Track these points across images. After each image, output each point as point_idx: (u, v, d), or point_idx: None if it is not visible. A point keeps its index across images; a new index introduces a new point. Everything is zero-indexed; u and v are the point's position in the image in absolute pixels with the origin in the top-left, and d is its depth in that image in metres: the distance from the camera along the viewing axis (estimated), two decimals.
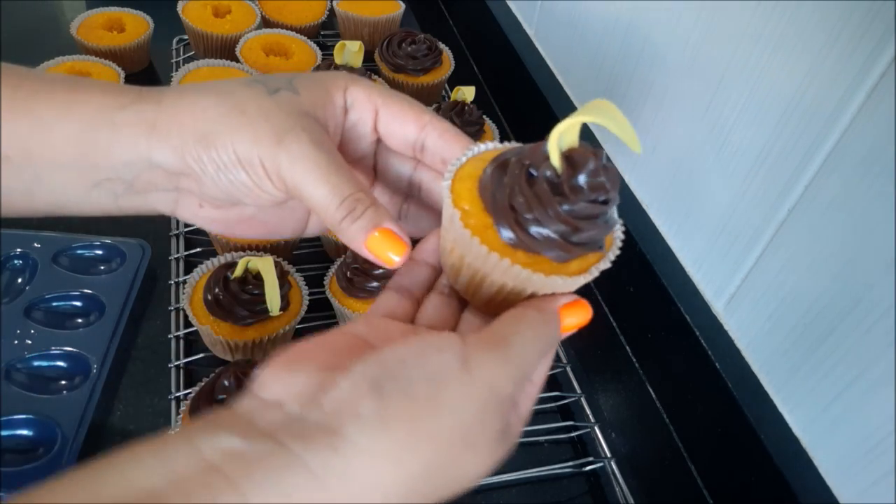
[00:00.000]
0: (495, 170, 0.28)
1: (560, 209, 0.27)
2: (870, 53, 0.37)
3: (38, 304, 0.61)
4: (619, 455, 0.59)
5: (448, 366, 0.25)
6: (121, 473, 0.21)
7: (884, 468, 0.38)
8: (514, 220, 0.27)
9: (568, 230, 0.27)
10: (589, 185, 0.27)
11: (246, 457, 0.22)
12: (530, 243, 0.27)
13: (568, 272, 0.28)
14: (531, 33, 0.81)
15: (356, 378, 0.24)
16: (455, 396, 0.24)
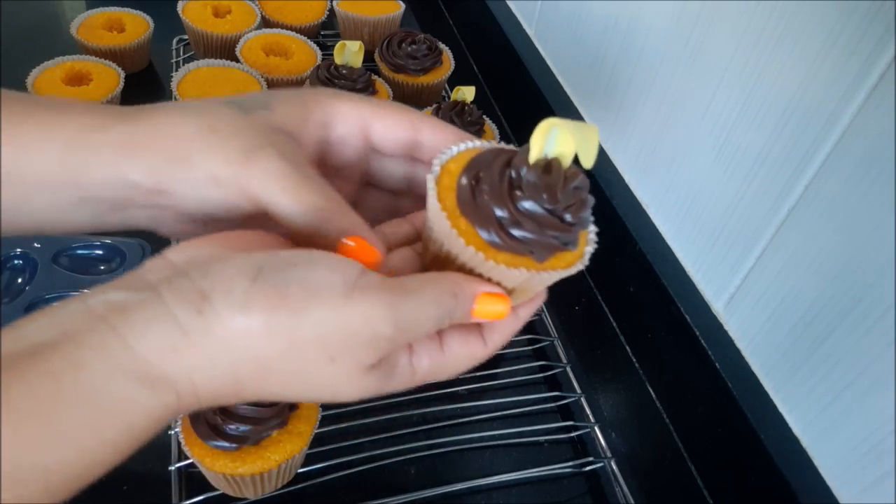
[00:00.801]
0: (488, 152, 0.30)
1: (511, 200, 0.28)
2: (870, 53, 0.37)
3: (38, 304, 0.61)
4: (619, 455, 0.59)
5: (331, 284, 0.26)
6: (15, 334, 0.24)
7: (884, 468, 0.38)
8: (470, 189, 0.29)
9: (508, 220, 0.28)
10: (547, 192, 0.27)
11: (128, 306, 0.24)
12: (472, 214, 0.28)
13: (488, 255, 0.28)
14: (531, 33, 0.81)
15: (245, 260, 0.26)
16: (322, 311, 0.26)
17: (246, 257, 0.26)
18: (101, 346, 0.23)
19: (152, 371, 0.24)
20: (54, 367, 0.23)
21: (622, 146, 0.63)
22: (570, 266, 0.30)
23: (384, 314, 0.26)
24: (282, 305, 0.25)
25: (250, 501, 0.51)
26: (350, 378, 0.27)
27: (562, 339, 0.67)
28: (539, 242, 0.28)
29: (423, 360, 0.30)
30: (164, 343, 0.24)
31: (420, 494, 0.54)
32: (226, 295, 0.25)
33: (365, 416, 0.58)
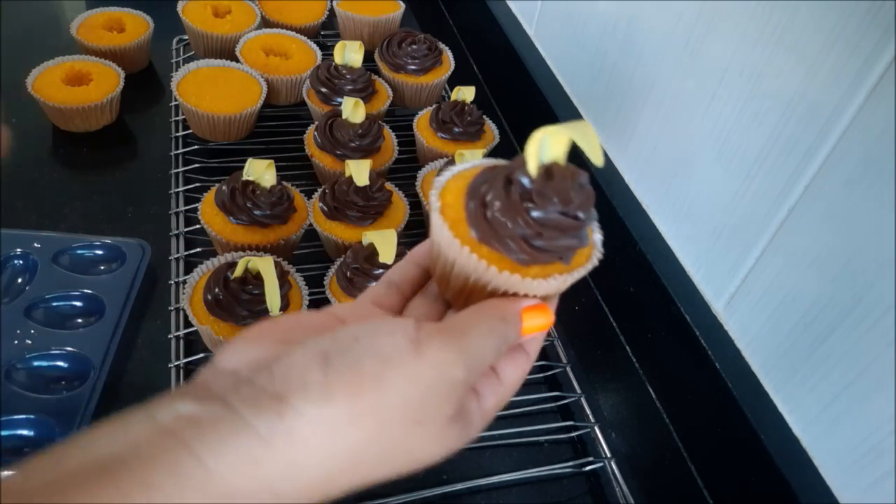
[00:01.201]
0: (483, 172, 0.30)
1: (526, 213, 0.28)
2: (870, 53, 0.37)
3: (38, 304, 0.61)
4: (619, 455, 0.59)
5: (398, 346, 0.26)
6: (82, 447, 0.22)
7: (884, 468, 0.38)
8: (483, 216, 0.29)
9: (531, 234, 0.28)
10: (558, 197, 0.28)
11: (198, 420, 0.23)
12: (493, 240, 0.29)
13: (524, 274, 0.29)
14: (531, 33, 0.81)
15: (308, 350, 0.25)
16: (402, 375, 0.25)
17: (305, 348, 0.26)
18: (173, 466, 0.22)
19: (229, 489, 0.23)
20: (124, 488, 0.21)
21: (622, 146, 0.63)
22: (589, 260, 0.31)
23: (454, 358, 0.26)
24: (363, 385, 0.24)
25: None
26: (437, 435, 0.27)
27: (562, 339, 0.67)
28: (563, 246, 0.29)
29: (490, 400, 0.30)
30: (244, 457, 0.23)
31: (420, 494, 0.54)
32: (303, 391, 0.24)
33: None
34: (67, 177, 0.75)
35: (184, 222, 0.71)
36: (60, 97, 0.76)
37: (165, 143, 0.79)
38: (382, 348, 0.26)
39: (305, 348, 0.26)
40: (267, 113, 0.84)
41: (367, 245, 0.60)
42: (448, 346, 0.26)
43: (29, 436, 0.53)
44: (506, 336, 0.29)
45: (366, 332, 0.26)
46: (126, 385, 0.58)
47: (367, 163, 0.66)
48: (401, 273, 0.35)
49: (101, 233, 0.67)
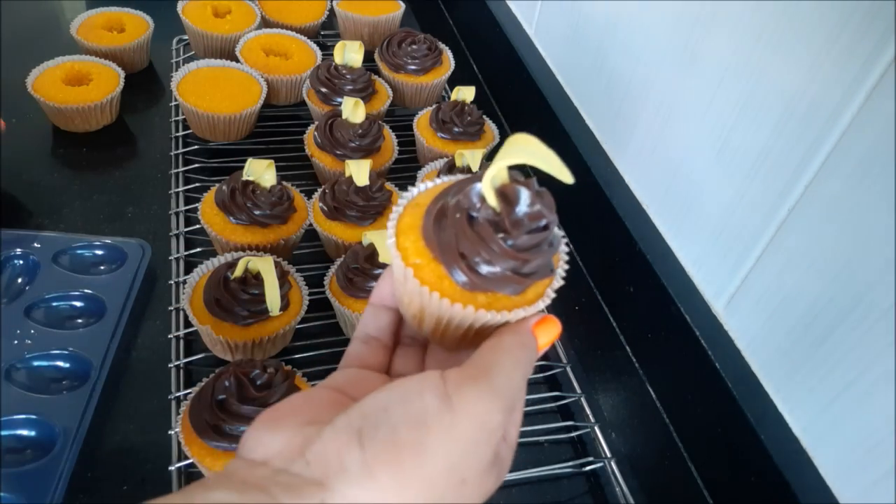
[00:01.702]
0: (435, 218, 0.29)
1: (505, 245, 0.28)
2: (870, 53, 0.37)
3: (38, 304, 0.61)
4: (619, 455, 0.59)
5: (430, 407, 0.25)
6: None
7: (884, 468, 0.38)
8: (466, 265, 0.28)
9: (517, 264, 0.28)
10: (528, 216, 0.28)
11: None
12: (485, 284, 0.28)
13: (527, 301, 0.29)
14: (531, 33, 0.81)
15: (339, 430, 0.25)
16: (440, 437, 0.24)
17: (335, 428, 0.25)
18: None
19: None
20: None
21: (622, 146, 0.63)
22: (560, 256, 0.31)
23: (490, 406, 0.25)
24: (402, 456, 0.24)
25: None
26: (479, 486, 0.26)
27: (562, 339, 0.67)
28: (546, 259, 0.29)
29: (512, 433, 0.30)
30: None
31: None
32: (342, 473, 0.23)
33: None
34: (67, 177, 0.75)
35: (184, 222, 0.71)
36: (60, 97, 0.76)
37: (165, 143, 0.79)
38: (415, 413, 0.25)
39: (336, 428, 0.25)
40: (267, 113, 0.84)
41: (367, 245, 0.60)
42: (481, 393, 0.25)
43: (29, 436, 0.53)
44: (531, 361, 0.29)
45: (394, 398, 0.25)
46: (126, 385, 0.58)
47: (367, 163, 0.66)
48: (375, 325, 0.33)
49: (101, 233, 0.67)
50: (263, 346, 0.57)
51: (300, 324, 0.60)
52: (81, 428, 0.53)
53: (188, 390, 0.55)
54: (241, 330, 0.56)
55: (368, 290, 0.59)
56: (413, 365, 0.33)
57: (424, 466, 0.24)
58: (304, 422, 0.26)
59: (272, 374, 0.49)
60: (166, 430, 0.54)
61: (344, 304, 0.59)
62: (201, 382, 0.52)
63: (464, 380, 0.26)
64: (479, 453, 0.26)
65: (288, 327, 0.58)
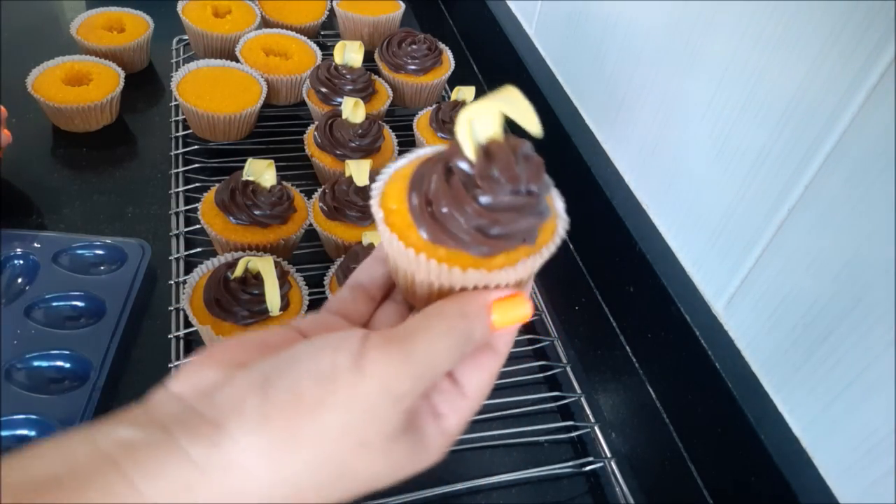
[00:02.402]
0: (419, 167, 0.28)
1: (475, 202, 0.26)
2: (870, 53, 0.37)
3: (38, 304, 0.61)
4: (619, 455, 0.59)
5: (339, 364, 0.24)
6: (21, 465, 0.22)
7: (884, 468, 0.38)
8: (431, 216, 0.26)
9: (485, 223, 0.26)
10: (504, 175, 0.26)
11: (136, 446, 0.23)
12: (447, 239, 0.26)
13: (490, 266, 0.26)
14: (531, 33, 0.81)
15: (251, 374, 0.25)
16: (341, 395, 0.24)
17: (248, 372, 0.25)
18: (106, 490, 0.22)
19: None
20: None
21: (622, 146, 0.63)
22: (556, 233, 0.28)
23: (397, 370, 0.24)
24: (301, 410, 0.23)
25: None
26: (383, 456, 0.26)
27: (562, 339, 0.67)
28: (523, 227, 0.27)
29: (451, 419, 0.28)
30: (178, 485, 0.23)
31: (420, 494, 0.54)
32: (238, 418, 0.23)
33: None
34: (67, 177, 0.75)
35: (184, 222, 0.71)
36: (60, 97, 0.76)
37: (165, 143, 0.79)
38: (322, 368, 0.24)
39: (249, 372, 0.25)
40: (267, 113, 0.84)
41: (367, 245, 0.60)
42: (390, 357, 0.25)
43: (29, 436, 0.53)
44: (468, 334, 0.26)
45: (308, 351, 0.25)
46: (126, 385, 0.58)
47: (367, 163, 0.66)
48: (368, 274, 0.33)
49: (101, 233, 0.67)
50: None
51: None
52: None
53: None
54: (241, 330, 0.56)
55: None
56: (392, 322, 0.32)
57: (320, 424, 0.24)
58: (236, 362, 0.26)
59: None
60: None
61: None
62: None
63: (382, 342, 0.25)
64: (382, 418, 0.25)
65: None
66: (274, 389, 0.24)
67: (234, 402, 0.24)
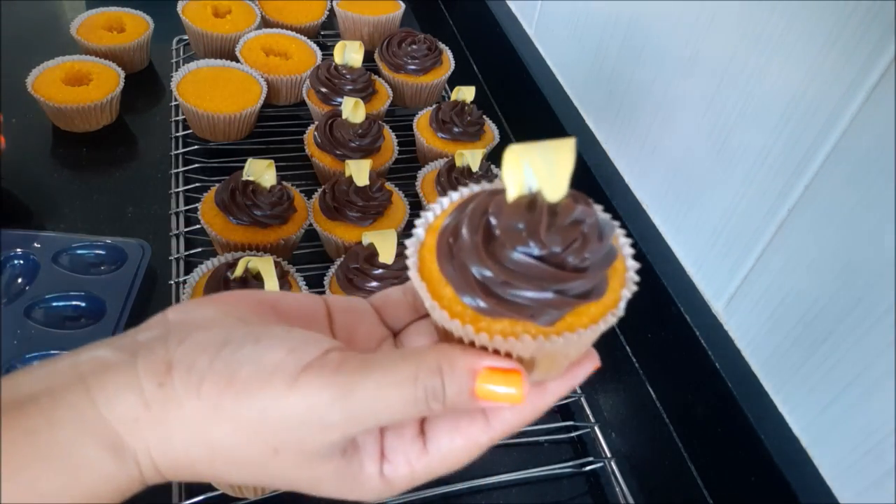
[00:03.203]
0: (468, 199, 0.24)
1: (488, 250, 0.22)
2: (870, 54, 0.37)
3: (38, 304, 0.61)
4: (619, 455, 0.59)
5: (283, 367, 0.24)
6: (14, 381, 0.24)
7: (884, 468, 0.38)
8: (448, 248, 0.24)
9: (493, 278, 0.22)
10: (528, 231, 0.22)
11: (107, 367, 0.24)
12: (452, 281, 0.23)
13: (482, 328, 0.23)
14: (531, 33, 0.81)
15: (218, 334, 0.25)
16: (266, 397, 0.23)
17: (220, 331, 0.25)
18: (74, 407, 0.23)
19: (117, 440, 0.24)
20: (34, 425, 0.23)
21: (622, 146, 0.63)
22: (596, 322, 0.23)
23: (329, 401, 0.23)
24: (229, 389, 0.24)
25: (250, 501, 0.51)
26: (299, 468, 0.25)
27: None
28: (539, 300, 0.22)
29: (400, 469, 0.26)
30: (129, 413, 0.24)
31: (420, 494, 0.54)
32: (187, 372, 0.24)
33: None
34: (67, 177, 0.75)
35: (184, 222, 0.71)
36: (60, 97, 0.76)
37: (165, 143, 0.79)
38: (268, 362, 0.24)
39: (219, 332, 0.25)
40: (267, 113, 0.84)
41: (367, 245, 0.60)
42: (330, 387, 0.23)
43: None
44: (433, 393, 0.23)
45: (275, 337, 0.25)
46: None
47: (367, 163, 0.66)
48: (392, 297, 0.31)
49: (101, 233, 0.67)
50: None
51: None
52: None
53: None
54: None
55: (368, 290, 0.59)
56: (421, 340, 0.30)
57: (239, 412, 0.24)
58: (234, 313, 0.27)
59: None
60: None
61: None
62: None
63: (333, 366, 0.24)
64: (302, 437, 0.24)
65: None
66: (220, 360, 0.24)
67: (191, 352, 0.25)
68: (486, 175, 0.70)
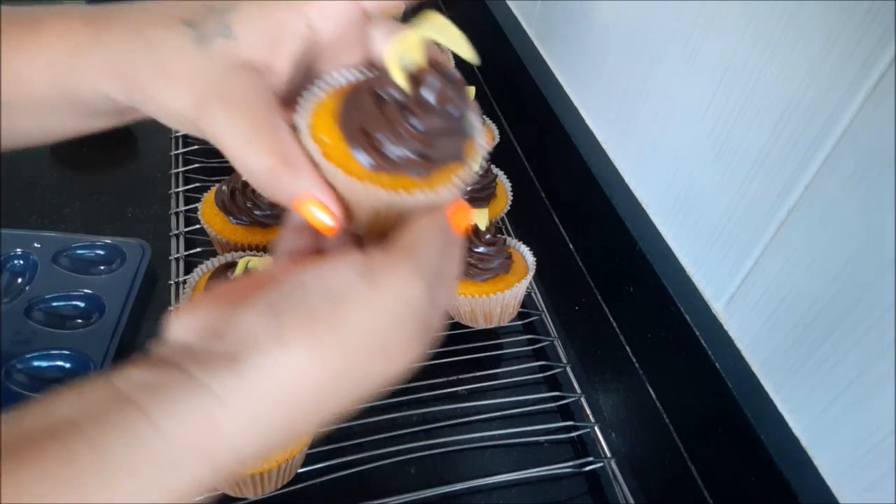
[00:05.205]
0: (346, 99, 0.29)
1: (411, 127, 0.28)
2: (870, 54, 0.37)
3: (38, 304, 0.61)
4: (619, 455, 0.59)
5: (349, 282, 0.26)
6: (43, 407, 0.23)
7: (884, 468, 0.38)
8: (370, 145, 0.28)
9: (421, 147, 0.28)
10: (436, 99, 0.28)
11: (153, 385, 0.23)
12: (388, 165, 0.28)
13: (431, 186, 0.29)
14: (531, 33, 0.81)
15: (256, 307, 0.25)
16: (359, 310, 0.25)
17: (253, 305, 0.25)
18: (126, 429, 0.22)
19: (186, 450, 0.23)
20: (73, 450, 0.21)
21: (622, 146, 0.63)
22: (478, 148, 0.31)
23: (412, 277, 0.26)
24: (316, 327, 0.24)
25: (250, 501, 0.51)
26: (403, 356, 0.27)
27: (562, 339, 0.67)
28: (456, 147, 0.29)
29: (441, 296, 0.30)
30: (200, 418, 0.23)
31: (420, 494, 0.54)
32: (254, 345, 0.24)
33: (365, 416, 0.58)
34: (67, 177, 0.75)
35: (184, 222, 0.71)
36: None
37: (165, 143, 0.79)
38: (334, 287, 0.25)
39: (254, 305, 0.25)
40: None
41: None
42: (403, 268, 0.26)
43: None
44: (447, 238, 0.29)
45: (312, 276, 0.26)
46: None
47: None
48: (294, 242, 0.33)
49: (101, 233, 0.67)
50: None
51: None
52: None
53: None
54: None
55: None
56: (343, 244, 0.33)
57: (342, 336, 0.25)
58: (224, 304, 0.27)
59: None
60: None
61: None
62: None
63: (386, 258, 0.27)
64: (403, 326, 0.26)
65: None
66: (286, 315, 0.25)
67: (246, 332, 0.24)
68: (487, 175, 0.70)
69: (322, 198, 0.29)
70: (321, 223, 0.29)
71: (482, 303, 0.61)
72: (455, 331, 0.65)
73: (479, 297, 0.61)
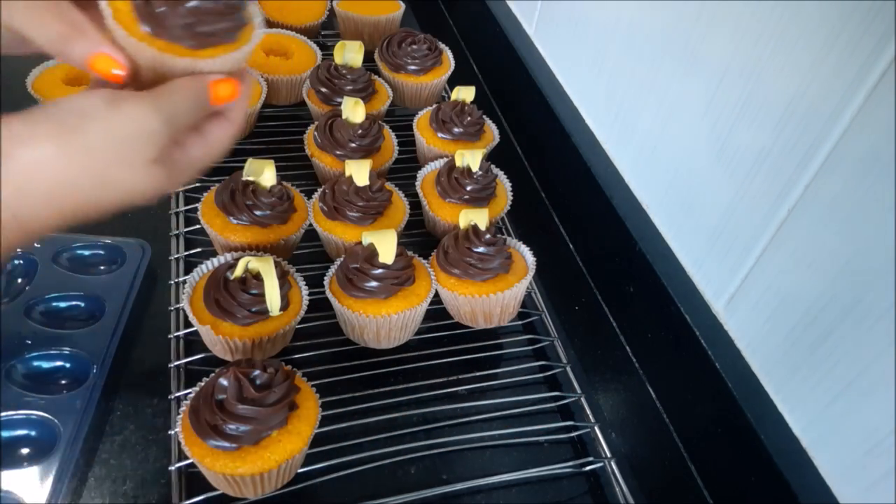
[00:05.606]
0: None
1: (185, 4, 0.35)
2: (870, 53, 0.37)
3: (38, 304, 0.61)
4: (619, 455, 0.59)
5: (94, 105, 0.34)
6: None
7: (884, 468, 0.38)
8: (151, 14, 0.36)
9: (192, 21, 0.36)
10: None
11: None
12: (164, 33, 0.36)
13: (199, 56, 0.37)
14: (531, 33, 0.81)
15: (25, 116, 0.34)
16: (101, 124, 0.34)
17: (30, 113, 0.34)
18: None
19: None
20: None
21: (622, 146, 0.63)
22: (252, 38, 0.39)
23: (149, 112, 0.35)
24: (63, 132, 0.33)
25: (250, 501, 0.51)
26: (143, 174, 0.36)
27: (562, 339, 0.67)
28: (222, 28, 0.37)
29: (195, 150, 0.40)
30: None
31: (420, 494, 0.54)
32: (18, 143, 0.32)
33: (365, 415, 0.58)
34: None
35: (184, 222, 0.71)
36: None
37: None
38: (80, 107, 0.34)
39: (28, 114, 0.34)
40: (267, 113, 0.84)
41: (367, 245, 0.60)
42: (144, 103, 0.35)
43: (29, 436, 0.53)
44: (197, 101, 0.38)
45: (66, 99, 0.34)
46: (126, 385, 0.58)
47: (367, 163, 0.66)
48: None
49: (101, 233, 0.67)
50: (263, 346, 0.57)
51: (300, 324, 0.60)
52: (81, 428, 0.53)
53: (188, 390, 0.55)
54: (241, 330, 0.56)
55: (368, 289, 0.59)
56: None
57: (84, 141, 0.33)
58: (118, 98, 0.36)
59: (272, 374, 0.49)
60: (166, 430, 0.54)
61: (344, 304, 0.59)
62: (201, 382, 0.52)
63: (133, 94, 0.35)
64: (140, 146, 0.35)
65: (288, 327, 0.58)
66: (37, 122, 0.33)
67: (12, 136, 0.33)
68: (487, 175, 0.70)
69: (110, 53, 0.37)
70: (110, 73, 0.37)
71: (482, 303, 0.61)
72: (455, 331, 0.65)
73: (479, 297, 0.61)
